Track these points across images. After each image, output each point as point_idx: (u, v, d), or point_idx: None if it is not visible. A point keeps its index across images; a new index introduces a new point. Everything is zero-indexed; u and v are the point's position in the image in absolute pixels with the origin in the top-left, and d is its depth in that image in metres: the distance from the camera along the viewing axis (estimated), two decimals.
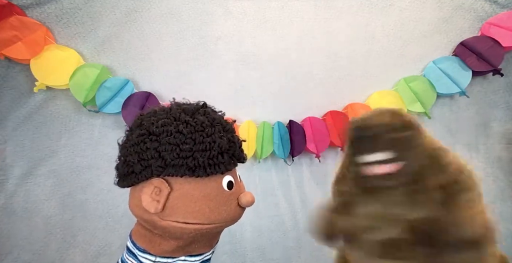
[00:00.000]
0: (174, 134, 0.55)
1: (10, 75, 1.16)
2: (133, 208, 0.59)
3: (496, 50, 1.25)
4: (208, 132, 0.56)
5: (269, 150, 1.28)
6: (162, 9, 1.22)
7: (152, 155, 0.54)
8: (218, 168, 0.56)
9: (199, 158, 0.54)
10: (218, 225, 0.58)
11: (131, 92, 1.21)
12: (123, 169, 0.58)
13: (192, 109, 0.60)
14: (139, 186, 0.57)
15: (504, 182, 1.40)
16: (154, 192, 0.54)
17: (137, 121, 0.60)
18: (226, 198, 0.58)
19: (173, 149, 0.54)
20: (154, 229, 0.59)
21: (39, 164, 1.22)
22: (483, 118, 1.39)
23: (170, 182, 0.55)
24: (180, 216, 0.55)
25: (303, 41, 1.30)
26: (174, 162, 0.54)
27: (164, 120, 0.56)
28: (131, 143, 0.57)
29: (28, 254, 1.22)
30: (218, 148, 0.56)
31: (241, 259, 1.36)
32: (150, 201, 0.54)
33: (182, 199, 0.55)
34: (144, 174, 0.55)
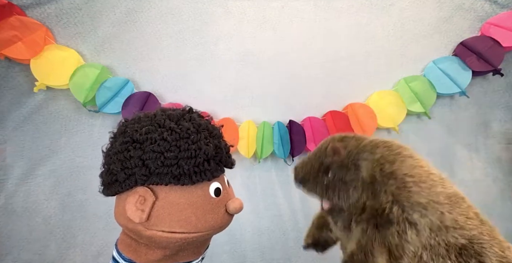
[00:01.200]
0: (158, 142, 0.53)
1: (10, 75, 1.16)
2: (118, 217, 0.58)
3: (496, 50, 1.25)
4: (194, 138, 0.55)
5: (269, 150, 1.28)
6: (162, 9, 1.22)
7: (136, 164, 0.53)
8: (204, 176, 0.55)
9: (184, 165, 0.53)
10: (205, 233, 0.57)
11: (131, 92, 1.21)
12: (107, 178, 0.56)
13: (177, 115, 0.58)
14: (123, 195, 0.56)
15: (504, 182, 1.40)
16: (139, 201, 0.53)
17: (121, 128, 0.58)
18: (214, 205, 0.57)
19: (157, 157, 0.52)
20: (140, 239, 0.57)
21: (39, 164, 1.22)
22: (483, 118, 1.39)
23: (155, 190, 0.54)
24: (166, 225, 0.54)
25: (303, 41, 1.30)
26: (159, 171, 0.53)
27: (148, 127, 0.55)
28: (114, 151, 0.56)
29: (28, 254, 1.22)
30: (204, 155, 0.55)
31: (241, 259, 1.36)
32: (135, 210, 0.52)
33: (168, 208, 0.54)
34: (128, 183, 0.54)
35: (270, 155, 1.31)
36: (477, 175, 1.40)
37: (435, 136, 1.39)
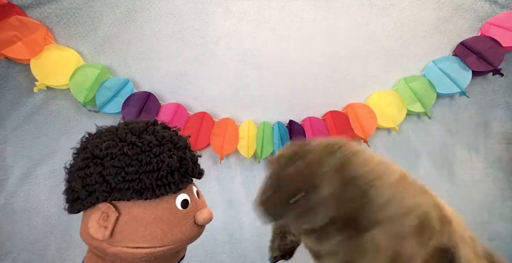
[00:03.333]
0: (118, 157, 0.52)
1: (10, 75, 1.16)
2: (82, 235, 0.57)
3: (496, 50, 1.25)
4: (156, 151, 0.54)
5: (269, 150, 1.28)
6: (162, 9, 1.22)
7: (96, 180, 0.52)
8: (169, 188, 0.54)
9: (145, 180, 0.52)
10: (173, 246, 0.55)
11: (131, 92, 1.21)
12: (69, 195, 0.56)
13: (139, 128, 0.57)
14: (87, 212, 0.55)
15: (504, 182, 1.40)
16: (102, 218, 0.52)
17: (82, 144, 0.58)
18: (180, 218, 0.56)
19: (118, 173, 0.51)
20: (105, 256, 0.56)
21: (39, 164, 1.22)
22: (483, 118, 1.39)
23: (118, 206, 0.53)
24: (130, 241, 0.52)
25: (303, 41, 1.30)
26: (120, 186, 0.52)
27: (108, 142, 0.54)
28: (75, 168, 0.55)
29: (28, 254, 1.22)
30: (167, 167, 0.54)
31: (241, 259, 1.36)
32: (97, 227, 0.52)
33: (132, 224, 0.53)
34: (90, 200, 0.53)
35: (270, 155, 1.31)
36: (477, 175, 1.40)
37: (435, 136, 1.39)
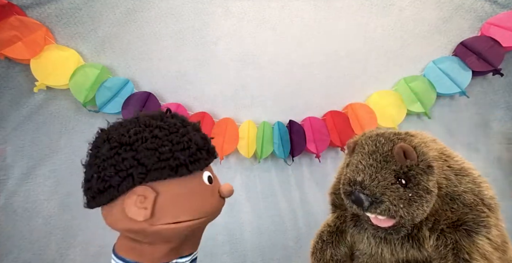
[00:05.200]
0: (149, 140, 0.54)
1: (10, 75, 1.16)
2: (116, 223, 0.58)
3: (496, 50, 1.25)
4: (183, 131, 0.57)
5: (269, 150, 1.28)
6: (162, 9, 1.22)
7: (131, 164, 0.53)
8: (199, 164, 0.57)
9: (180, 157, 0.55)
10: (206, 218, 0.59)
11: (131, 92, 1.21)
12: (99, 186, 0.56)
13: (159, 115, 0.60)
14: (118, 200, 0.56)
15: (504, 182, 1.40)
16: (138, 201, 0.53)
17: (102, 137, 0.59)
18: (210, 191, 0.60)
19: (153, 154, 0.53)
20: (144, 238, 0.58)
21: (39, 164, 1.22)
22: (483, 118, 1.39)
23: (154, 186, 0.54)
24: (170, 217, 0.55)
25: (303, 41, 1.30)
26: (156, 166, 0.53)
27: (135, 129, 0.56)
28: (102, 159, 0.56)
29: (28, 254, 1.22)
30: (195, 145, 0.57)
31: (241, 259, 1.36)
32: (137, 209, 0.53)
33: (170, 200, 0.55)
34: (125, 185, 0.54)
35: (270, 155, 1.31)
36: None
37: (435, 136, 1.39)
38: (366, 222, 0.66)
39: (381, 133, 0.63)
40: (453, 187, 0.59)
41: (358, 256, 0.72)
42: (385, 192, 0.56)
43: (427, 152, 0.58)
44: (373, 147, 0.60)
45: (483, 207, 0.59)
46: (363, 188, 0.58)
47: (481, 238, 0.58)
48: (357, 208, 0.61)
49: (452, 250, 0.59)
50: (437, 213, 0.59)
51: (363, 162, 0.60)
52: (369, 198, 0.57)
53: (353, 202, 0.60)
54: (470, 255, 0.57)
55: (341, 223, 0.75)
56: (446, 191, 0.59)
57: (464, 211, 0.59)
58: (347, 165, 0.65)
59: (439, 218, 0.60)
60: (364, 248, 0.69)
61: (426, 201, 0.56)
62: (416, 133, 0.64)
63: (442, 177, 0.59)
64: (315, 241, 0.78)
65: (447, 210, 0.59)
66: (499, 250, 0.58)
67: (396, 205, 0.56)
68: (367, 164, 0.59)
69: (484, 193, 0.60)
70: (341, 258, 0.74)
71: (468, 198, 0.59)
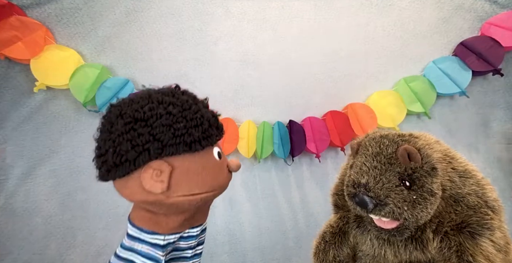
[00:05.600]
0: (164, 116, 0.56)
1: (10, 75, 1.16)
2: (134, 195, 0.60)
3: (496, 50, 1.25)
4: (195, 108, 0.59)
5: (269, 150, 1.28)
6: (162, 9, 1.22)
7: (147, 140, 0.55)
8: (211, 140, 0.60)
9: (194, 133, 0.57)
10: (217, 191, 0.63)
11: (131, 92, 1.21)
12: (115, 160, 0.57)
13: (170, 91, 0.62)
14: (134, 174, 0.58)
15: (504, 182, 1.40)
16: (155, 174, 0.55)
17: (115, 113, 0.60)
18: (220, 166, 0.63)
19: (168, 130, 0.56)
20: (160, 209, 0.60)
21: (39, 164, 1.22)
22: (483, 118, 1.39)
23: (169, 161, 0.57)
24: (186, 189, 0.58)
25: (303, 41, 1.30)
26: (172, 142, 0.56)
27: (149, 105, 0.57)
28: (117, 133, 0.57)
29: (28, 254, 1.22)
30: (207, 122, 0.60)
31: (241, 259, 1.36)
32: (154, 182, 0.55)
33: (185, 174, 0.58)
34: (141, 159, 0.56)
35: (270, 155, 1.31)
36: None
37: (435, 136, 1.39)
38: (369, 224, 0.66)
39: (385, 135, 0.63)
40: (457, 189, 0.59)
41: (361, 257, 0.72)
42: (389, 194, 0.56)
43: (431, 154, 0.58)
44: (377, 149, 0.60)
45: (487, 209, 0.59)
46: (367, 190, 0.58)
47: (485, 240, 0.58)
48: (361, 210, 0.61)
49: (456, 252, 0.59)
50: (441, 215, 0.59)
51: (367, 164, 0.60)
52: (373, 200, 0.57)
53: (357, 204, 0.60)
54: (474, 257, 0.57)
55: (344, 224, 0.75)
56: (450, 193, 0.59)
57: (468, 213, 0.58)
58: (351, 167, 0.65)
59: (443, 220, 0.60)
60: (367, 249, 0.69)
61: (430, 203, 0.56)
62: (420, 134, 0.65)
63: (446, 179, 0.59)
64: (318, 241, 0.77)
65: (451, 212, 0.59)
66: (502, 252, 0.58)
67: (400, 208, 0.56)
68: (371, 166, 0.59)
69: (488, 195, 0.60)
70: (343, 259, 0.74)
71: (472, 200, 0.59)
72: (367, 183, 0.58)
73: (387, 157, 0.58)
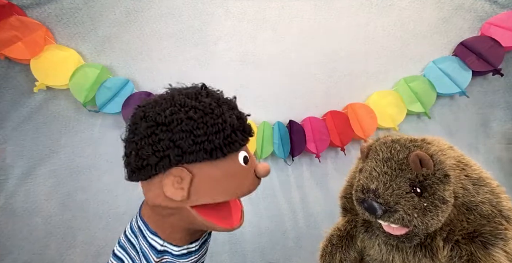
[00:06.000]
0: (185, 121, 0.54)
1: (10, 75, 1.16)
2: (156, 199, 0.59)
3: (496, 50, 1.25)
4: (218, 112, 0.56)
5: (269, 150, 1.28)
6: (162, 9, 1.22)
7: (167, 146, 0.54)
8: (234, 147, 0.57)
9: (215, 140, 0.55)
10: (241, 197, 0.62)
11: (131, 92, 1.21)
12: (137, 163, 0.57)
13: (194, 93, 0.59)
14: (157, 178, 0.57)
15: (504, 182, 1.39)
16: (176, 181, 0.54)
17: (139, 114, 0.59)
18: (245, 172, 0.61)
19: (188, 136, 0.54)
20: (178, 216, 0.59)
21: (39, 164, 1.22)
22: (483, 118, 1.39)
23: (190, 168, 0.55)
24: (208, 197, 0.56)
25: (303, 41, 1.30)
26: (191, 149, 0.54)
27: (171, 109, 0.56)
28: (140, 137, 0.56)
29: (28, 254, 1.22)
30: (230, 126, 0.57)
31: (241, 259, 1.36)
32: (174, 190, 0.54)
33: (206, 182, 0.56)
34: (162, 165, 0.55)
35: (270, 155, 1.31)
36: None
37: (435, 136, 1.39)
38: (377, 229, 0.65)
39: (396, 140, 0.62)
40: (470, 197, 0.58)
41: (368, 261, 0.71)
42: (399, 201, 0.55)
43: (444, 161, 0.57)
44: (388, 154, 0.59)
45: (501, 219, 0.57)
46: (377, 196, 0.57)
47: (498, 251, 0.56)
48: (369, 215, 0.60)
49: (467, 261, 0.58)
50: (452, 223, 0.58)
51: (377, 169, 0.59)
52: (382, 207, 0.56)
53: (366, 210, 0.59)
54: None
55: (351, 228, 0.74)
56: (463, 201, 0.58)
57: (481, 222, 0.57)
58: (360, 171, 0.64)
59: (455, 228, 0.58)
60: (375, 254, 0.68)
61: (441, 211, 0.55)
62: (433, 139, 0.63)
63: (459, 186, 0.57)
64: (325, 244, 0.77)
65: (463, 221, 0.58)
66: None
67: (410, 215, 0.55)
68: (382, 171, 0.58)
69: (503, 204, 0.59)
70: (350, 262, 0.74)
71: (485, 209, 0.57)
72: (376, 189, 0.57)
73: (398, 163, 0.57)
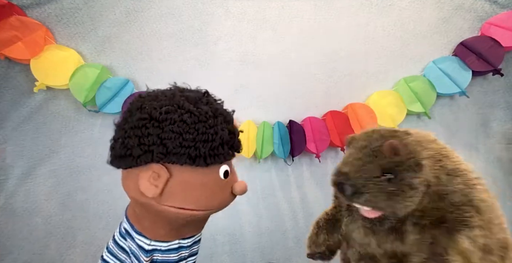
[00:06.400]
0: (177, 123, 0.54)
1: (10, 75, 1.16)
2: (129, 191, 0.60)
3: (496, 50, 1.25)
4: (211, 123, 0.56)
5: (269, 150, 1.28)
6: (162, 9, 1.22)
7: (153, 141, 0.54)
8: (218, 159, 0.57)
9: (201, 148, 0.55)
10: (212, 211, 0.61)
11: (131, 92, 1.21)
12: (120, 151, 0.57)
13: (195, 97, 0.59)
14: (135, 169, 0.57)
15: (504, 182, 1.40)
16: (152, 177, 0.54)
17: (137, 104, 0.59)
18: (222, 186, 0.60)
19: (176, 138, 0.54)
20: (149, 213, 0.60)
21: (39, 164, 1.22)
22: (483, 118, 1.39)
23: (170, 168, 0.56)
24: (178, 202, 0.56)
25: (303, 41, 1.30)
26: (176, 151, 0.54)
27: (168, 107, 0.56)
28: (130, 126, 0.57)
29: (28, 254, 1.22)
30: (220, 139, 0.57)
31: (241, 259, 1.36)
32: (149, 185, 0.54)
33: (181, 186, 0.56)
34: (144, 159, 0.55)
35: (270, 155, 1.31)
36: None
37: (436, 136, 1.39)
38: (356, 213, 0.69)
39: (377, 130, 0.65)
40: (442, 186, 0.60)
41: (352, 245, 0.75)
42: (367, 184, 0.59)
43: (419, 151, 0.59)
44: (365, 142, 0.62)
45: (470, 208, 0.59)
46: (347, 179, 0.61)
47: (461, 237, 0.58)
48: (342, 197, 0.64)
49: (430, 244, 0.61)
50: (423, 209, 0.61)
51: (353, 156, 0.63)
52: (351, 188, 0.60)
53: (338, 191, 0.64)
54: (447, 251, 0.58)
55: (337, 212, 0.79)
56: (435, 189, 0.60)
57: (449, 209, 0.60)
58: None
59: (424, 214, 0.61)
60: (356, 237, 0.72)
61: (409, 197, 0.58)
62: (415, 132, 0.65)
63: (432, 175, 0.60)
64: (313, 226, 0.83)
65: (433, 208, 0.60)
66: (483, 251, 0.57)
67: (376, 197, 0.58)
68: (356, 157, 0.62)
69: (475, 194, 0.60)
70: (333, 243, 0.78)
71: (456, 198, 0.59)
72: (348, 173, 0.61)
73: (373, 150, 0.60)
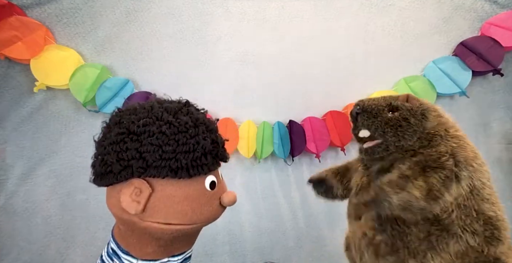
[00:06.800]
0: (156, 135, 0.53)
1: (10, 75, 1.16)
2: (112, 208, 0.58)
3: (496, 50, 1.25)
4: (192, 133, 0.54)
5: (269, 150, 1.28)
6: (162, 9, 1.22)
7: (132, 156, 0.52)
8: (202, 170, 0.55)
9: (182, 160, 0.53)
10: (200, 225, 0.58)
11: (131, 92, 1.21)
12: (100, 168, 0.56)
13: (174, 108, 0.57)
14: (117, 186, 0.56)
15: (504, 182, 1.40)
16: (134, 193, 0.52)
17: (115, 118, 0.57)
18: (209, 198, 0.58)
19: (155, 150, 0.52)
20: (133, 230, 0.57)
21: (39, 164, 1.22)
22: (483, 118, 1.39)
23: (151, 183, 0.54)
24: (162, 217, 0.54)
25: (303, 41, 1.30)
26: (156, 164, 0.52)
27: (145, 120, 0.54)
28: (109, 142, 0.55)
29: (28, 254, 1.22)
30: (202, 149, 0.55)
31: (241, 259, 1.36)
32: (130, 201, 0.52)
33: (164, 201, 0.54)
34: (124, 175, 0.53)
35: (270, 155, 1.31)
36: None
37: None
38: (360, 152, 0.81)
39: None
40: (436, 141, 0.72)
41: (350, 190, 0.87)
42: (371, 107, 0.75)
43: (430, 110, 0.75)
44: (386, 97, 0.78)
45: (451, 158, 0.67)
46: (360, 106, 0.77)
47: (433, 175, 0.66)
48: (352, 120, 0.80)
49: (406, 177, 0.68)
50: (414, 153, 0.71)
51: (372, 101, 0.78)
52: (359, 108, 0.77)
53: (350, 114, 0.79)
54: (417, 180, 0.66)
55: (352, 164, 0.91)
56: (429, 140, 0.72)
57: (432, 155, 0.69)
58: None
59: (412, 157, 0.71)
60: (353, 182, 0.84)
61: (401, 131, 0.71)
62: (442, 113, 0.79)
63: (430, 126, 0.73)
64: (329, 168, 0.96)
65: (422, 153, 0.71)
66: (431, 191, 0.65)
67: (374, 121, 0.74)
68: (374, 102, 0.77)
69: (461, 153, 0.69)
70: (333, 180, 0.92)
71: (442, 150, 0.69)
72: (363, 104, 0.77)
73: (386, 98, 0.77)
